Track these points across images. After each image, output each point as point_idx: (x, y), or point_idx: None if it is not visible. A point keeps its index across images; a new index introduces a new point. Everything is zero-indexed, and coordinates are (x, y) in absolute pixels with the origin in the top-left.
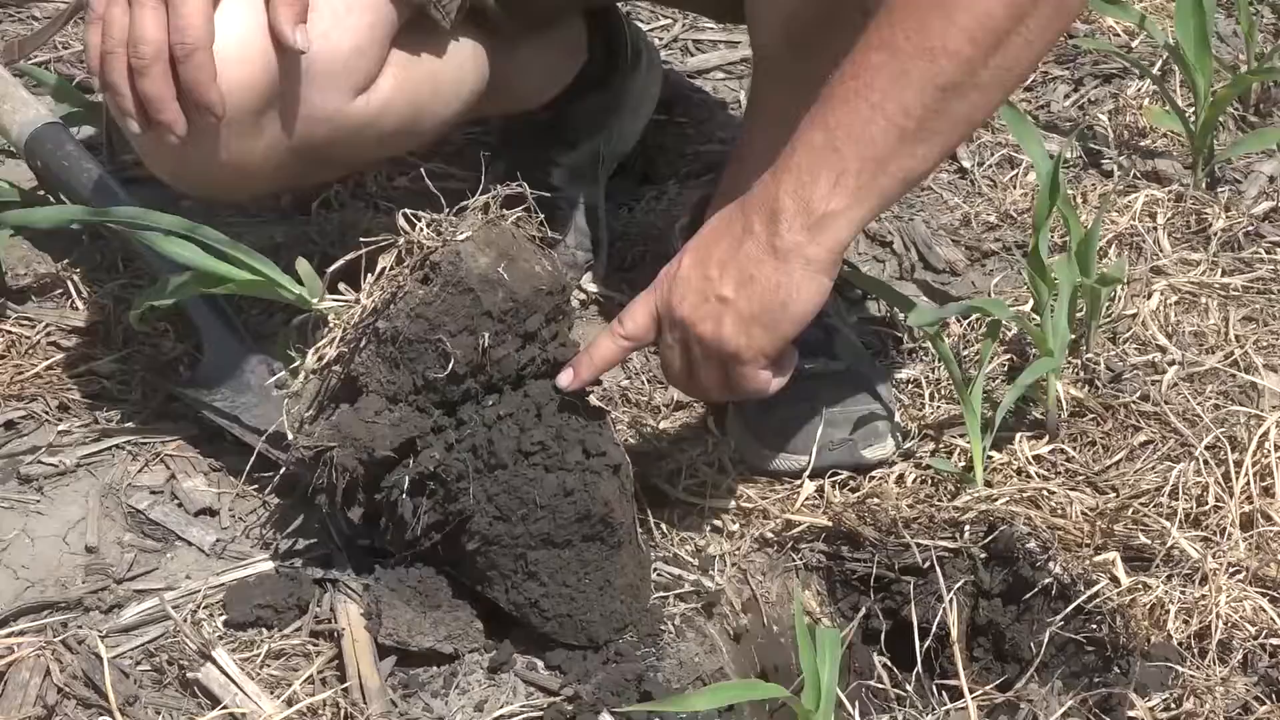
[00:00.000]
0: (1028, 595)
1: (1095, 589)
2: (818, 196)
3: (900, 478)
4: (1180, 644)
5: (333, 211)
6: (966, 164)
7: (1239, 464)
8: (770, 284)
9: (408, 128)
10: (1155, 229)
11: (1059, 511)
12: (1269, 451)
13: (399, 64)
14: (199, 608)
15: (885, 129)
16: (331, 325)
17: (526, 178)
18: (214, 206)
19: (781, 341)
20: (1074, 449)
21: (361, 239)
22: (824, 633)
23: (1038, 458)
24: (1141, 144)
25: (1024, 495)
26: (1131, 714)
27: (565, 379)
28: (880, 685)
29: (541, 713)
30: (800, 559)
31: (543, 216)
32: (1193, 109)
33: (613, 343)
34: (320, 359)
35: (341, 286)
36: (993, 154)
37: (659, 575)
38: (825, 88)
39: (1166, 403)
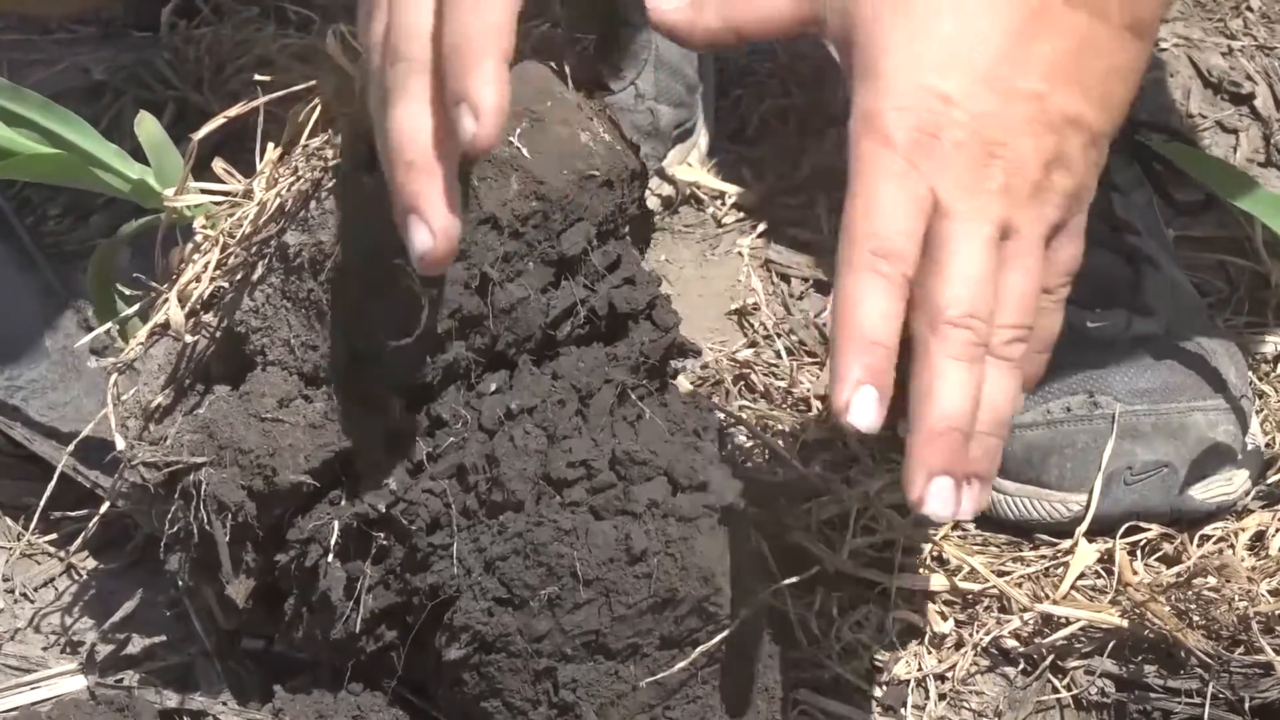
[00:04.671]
0: None
1: None
2: None
3: (1258, 539)
4: None
5: (200, 25)
6: None
7: None
8: (1132, 73)
9: None
10: None
11: None
12: None
13: None
14: None
15: None
16: (200, 239)
17: None
18: None
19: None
20: None
21: (256, 77)
22: None
23: None
24: None
25: None
26: None
27: (869, 414)
28: None
29: None
30: (1069, 687)
31: (593, 38)
32: None
33: (898, 298)
34: (179, 301)
35: (218, 167)
36: None
37: (804, 712)
38: None
39: None
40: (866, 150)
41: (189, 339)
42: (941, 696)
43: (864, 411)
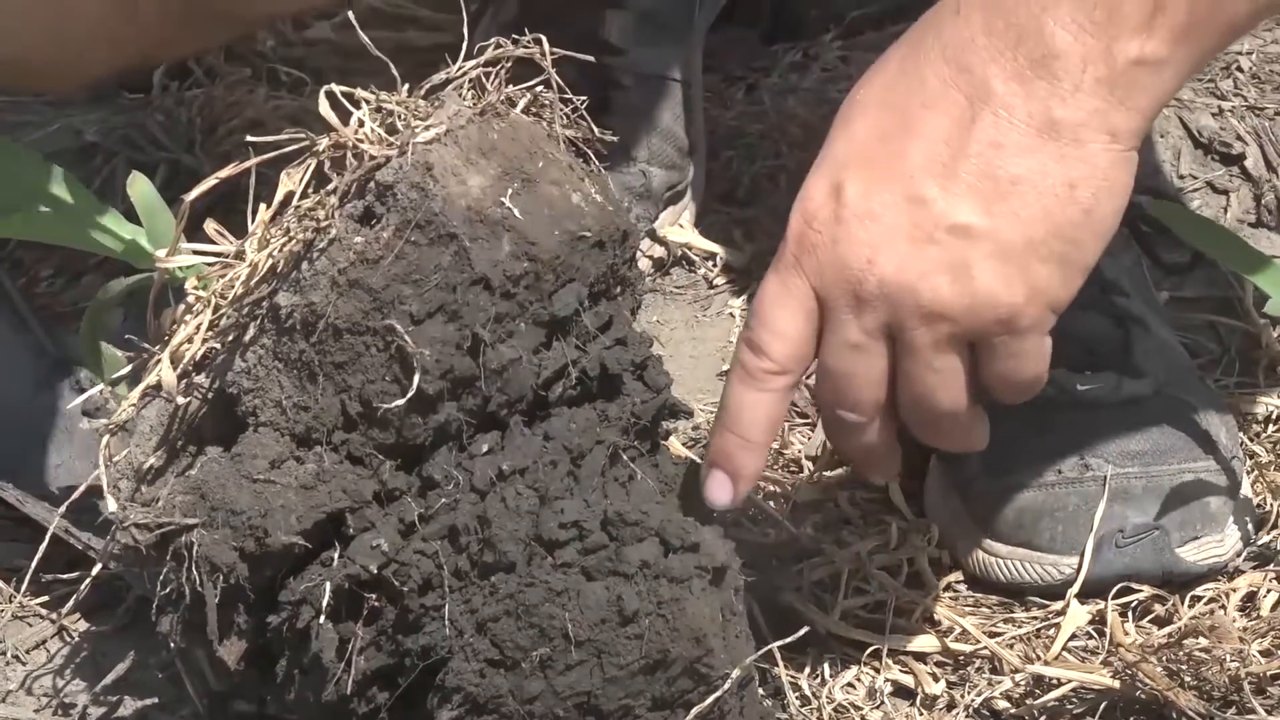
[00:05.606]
0: None
1: None
2: (1125, 33)
3: (1250, 599)
4: None
5: (192, 87)
6: None
7: None
8: (1054, 183)
9: None
10: None
11: None
12: None
13: None
14: None
15: None
16: (191, 300)
17: (560, 28)
18: None
19: (1084, 275)
20: None
21: (248, 138)
22: None
23: None
24: None
25: None
26: None
27: (723, 494)
28: None
29: None
30: None
31: (587, 101)
32: None
33: (764, 393)
34: (172, 362)
35: (210, 228)
36: None
37: None
38: None
39: None
40: (780, 245)
41: (180, 400)
42: None
43: (715, 492)
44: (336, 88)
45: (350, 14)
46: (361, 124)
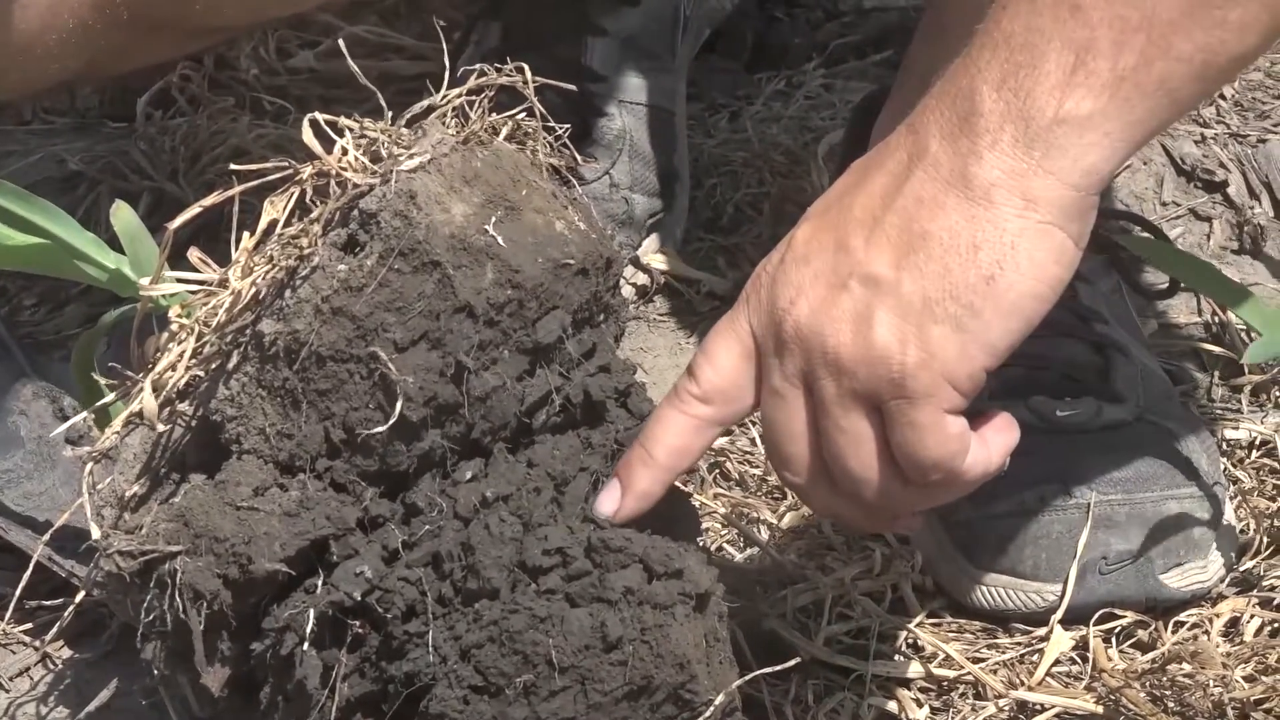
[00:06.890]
0: None
1: None
2: (1044, 90)
3: (1233, 625)
4: None
5: (176, 116)
6: None
7: None
8: (960, 242)
9: None
10: None
11: None
12: None
13: None
14: None
15: None
16: (175, 328)
17: (542, 55)
18: None
19: (986, 353)
20: None
21: (232, 167)
22: None
23: None
24: None
25: None
26: None
27: (608, 502)
28: None
29: None
30: None
31: (569, 128)
32: None
33: (681, 415)
34: (154, 390)
35: (194, 256)
36: None
37: None
38: None
39: None
40: None
41: (161, 428)
42: None
43: (601, 500)
44: (320, 116)
45: (341, 43)
46: (345, 152)
